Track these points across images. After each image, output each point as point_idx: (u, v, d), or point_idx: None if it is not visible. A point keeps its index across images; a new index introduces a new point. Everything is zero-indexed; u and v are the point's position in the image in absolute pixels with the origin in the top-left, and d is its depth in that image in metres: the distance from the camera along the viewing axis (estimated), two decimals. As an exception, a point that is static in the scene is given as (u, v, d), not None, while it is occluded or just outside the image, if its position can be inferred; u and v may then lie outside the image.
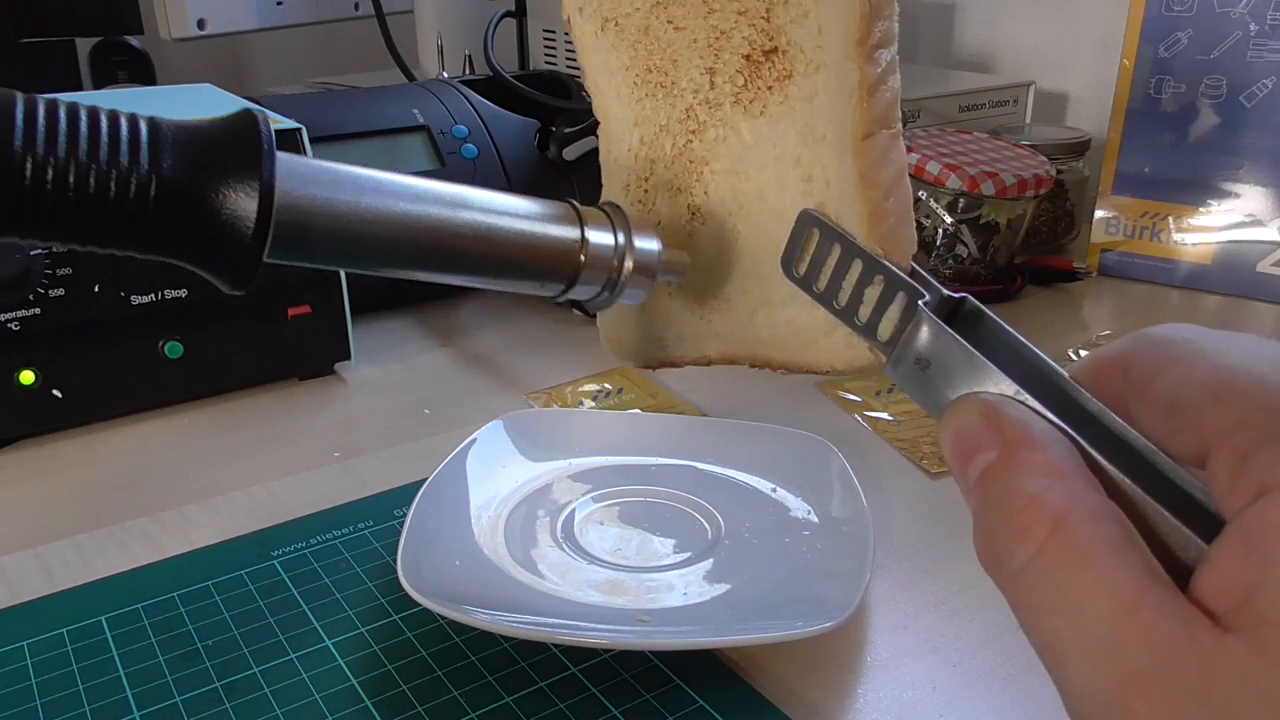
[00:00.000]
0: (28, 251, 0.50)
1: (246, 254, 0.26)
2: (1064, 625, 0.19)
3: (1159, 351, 0.21)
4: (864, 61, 0.29)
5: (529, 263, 0.33)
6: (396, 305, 0.70)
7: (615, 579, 0.40)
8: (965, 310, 0.27)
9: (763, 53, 0.32)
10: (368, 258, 0.30)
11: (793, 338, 0.32)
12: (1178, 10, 0.71)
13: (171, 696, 0.36)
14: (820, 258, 0.29)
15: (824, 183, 0.30)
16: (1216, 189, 0.73)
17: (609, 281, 0.34)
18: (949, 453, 0.23)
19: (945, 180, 0.67)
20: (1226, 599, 0.18)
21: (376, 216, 0.29)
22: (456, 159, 0.70)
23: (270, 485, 0.49)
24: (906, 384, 0.26)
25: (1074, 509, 0.19)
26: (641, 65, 0.35)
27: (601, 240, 0.34)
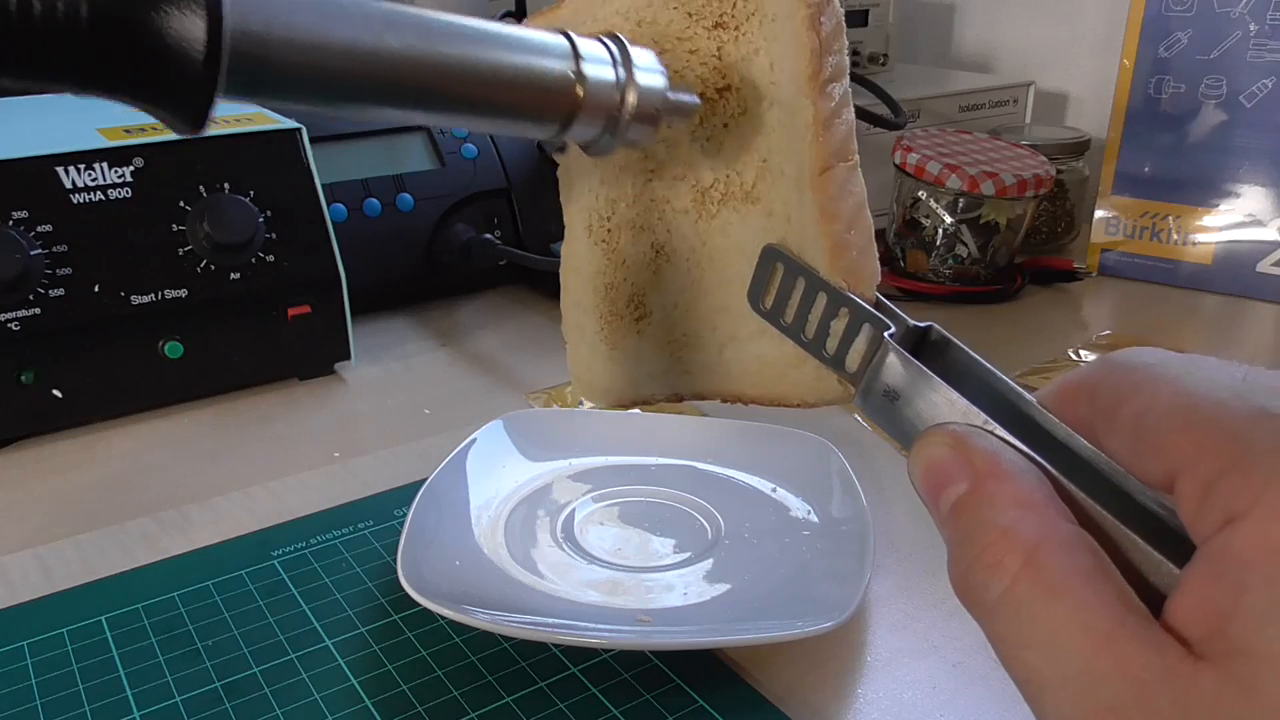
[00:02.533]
0: (28, 252, 0.50)
1: (198, 85, 0.24)
2: (1040, 659, 0.19)
3: (1123, 377, 0.21)
4: (817, 96, 0.29)
5: (518, 100, 0.30)
6: (396, 305, 0.70)
7: (615, 579, 0.40)
8: (931, 339, 0.27)
9: (716, 90, 0.32)
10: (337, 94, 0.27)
11: (762, 372, 0.32)
12: (1178, 10, 0.71)
13: (171, 696, 0.36)
14: (785, 292, 0.29)
15: (784, 217, 0.30)
16: (1216, 189, 0.73)
17: (610, 121, 0.31)
18: (920, 486, 0.23)
19: (945, 180, 0.67)
20: (1199, 627, 0.18)
21: (345, 45, 0.27)
22: (456, 159, 0.70)
23: (270, 485, 0.49)
24: (877, 416, 0.26)
25: (1046, 540, 0.19)
26: None
27: (600, 74, 0.30)
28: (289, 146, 0.57)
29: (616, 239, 0.36)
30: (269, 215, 0.56)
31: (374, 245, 0.66)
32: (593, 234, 0.37)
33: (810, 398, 0.31)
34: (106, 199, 0.52)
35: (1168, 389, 0.20)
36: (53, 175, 0.51)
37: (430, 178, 0.68)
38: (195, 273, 0.54)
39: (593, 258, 0.37)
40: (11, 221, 0.50)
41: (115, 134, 0.54)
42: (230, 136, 0.56)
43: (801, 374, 0.31)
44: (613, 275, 0.36)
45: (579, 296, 0.38)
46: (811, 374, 0.30)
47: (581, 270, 0.37)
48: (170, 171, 0.54)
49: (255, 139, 0.56)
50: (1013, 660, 0.20)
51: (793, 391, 0.31)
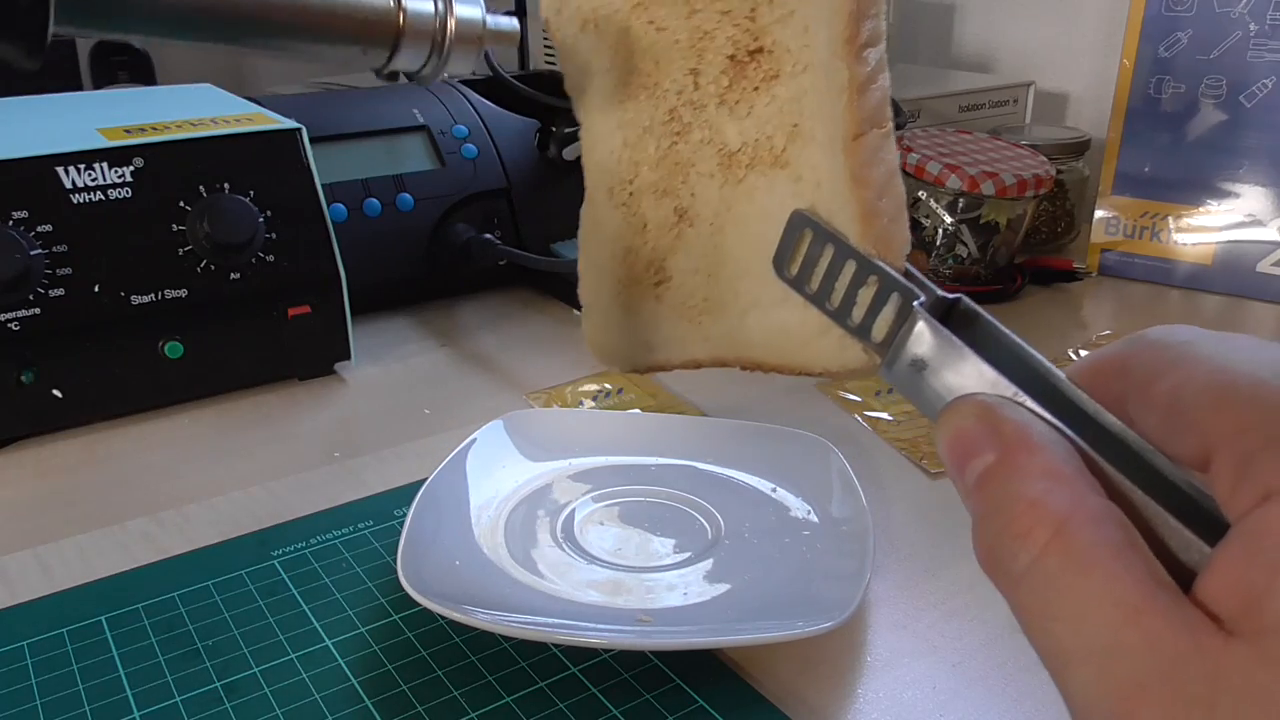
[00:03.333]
0: (28, 252, 0.50)
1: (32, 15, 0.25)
2: (1067, 632, 0.19)
3: (1158, 354, 0.21)
4: (853, 60, 0.28)
5: (345, 28, 0.33)
6: (396, 305, 0.70)
7: (615, 579, 0.40)
8: (960, 310, 0.26)
9: (747, 53, 0.31)
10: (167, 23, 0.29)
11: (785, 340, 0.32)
12: (1178, 10, 0.71)
13: (171, 696, 0.36)
14: (812, 259, 0.29)
15: (814, 183, 0.30)
16: (1216, 189, 0.73)
17: (434, 47, 0.34)
18: (946, 456, 0.23)
19: (945, 180, 0.67)
20: (1231, 604, 0.17)
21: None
22: (456, 159, 0.70)
23: (270, 485, 0.49)
24: (902, 386, 0.26)
25: (1076, 512, 0.19)
26: (622, 67, 0.35)
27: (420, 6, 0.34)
28: (289, 146, 0.57)
29: (638, 203, 0.36)
30: (269, 215, 0.56)
31: (374, 245, 0.66)
32: (614, 197, 0.36)
33: (833, 366, 0.30)
34: (106, 199, 0.52)
35: (1204, 365, 0.20)
36: (53, 175, 0.51)
37: (430, 178, 0.68)
38: (195, 273, 0.54)
39: (613, 221, 0.37)
40: (11, 221, 0.50)
41: (115, 134, 0.54)
42: (230, 136, 0.56)
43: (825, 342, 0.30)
44: (633, 239, 0.36)
45: (598, 260, 0.38)
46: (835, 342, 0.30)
47: (601, 234, 0.37)
48: (170, 171, 0.54)
49: (255, 139, 0.56)
50: (1038, 632, 0.19)
51: (815, 360, 0.31)
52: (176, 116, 0.58)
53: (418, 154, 0.69)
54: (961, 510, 0.22)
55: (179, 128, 0.56)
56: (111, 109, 0.61)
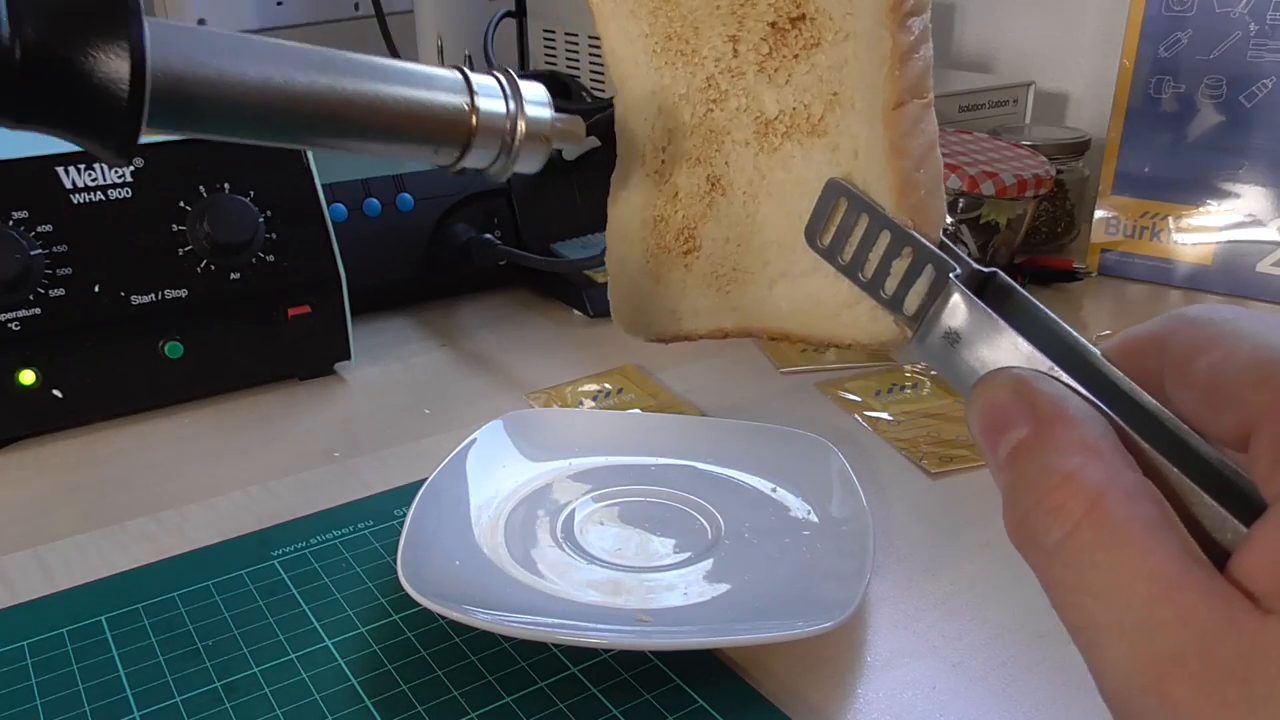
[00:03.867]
0: (28, 252, 0.50)
1: (124, 119, 0.26)
2: (1099, 606, 0.18)
3: (1198, 331, 0.21)
4: (896, 29, 0.28)
5: (418, 130, 0.33)
6: (396, 305, 0.70)
7: (615, 579, 0.40)
8: (996, 285, 0.26)
9: (789, 20, 0.31)
10: (254, 126, 0.30)
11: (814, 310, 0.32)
12: (1178, 10, 0.71)
13: (171, 696, 0.36)
14: (846, 229, 0.28)
15: (851, 152, 0.30)
16: (1216, 189, 0.73)
17: (504, 147, 0.35)
18: (978, 428, 0.22)
19: (945, 180, 0.67)
20: (1268, 582, 0.17)
21: (258, 82, 0.29)
22: (456, 159, 0.70)
23: (270, 485, 0.49)
24: (933, 359, 0.26)
25: (1111, 487, 0.19)
26: (661, 32, 0.35)
27: (492, 107, 0.34)
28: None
29: (670, 170, 0.35)
30: (269, 215, 0.56)
31: (374, 245, 0.66)
32: (646, 165, 0.36)
33: (863, 338, 0.30)
34: (106, 199, 0.52)
35: (1247, 343, 0.19)
36: (53, 175, 0.51)
37: (430, 178, 0.68)
38: (195, 273, 0.54)
39: (644, 189, 0.36)
40: (11, 221, 0.50)
41: (115, 134, 0.54)
42: (230, 136, 0.56)
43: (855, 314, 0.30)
44: (663, 208, 0.36)
45: (625, 228, 0.37)
46: (866, 314, 0.30)
47: (630, 202, 0.37)
48: (170, 171, 0.54)
49: (255, 139, 0.56)
50: (1069, 606, 0.19)
51: (845, 331, 0.31)
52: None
53: (418, 154, 0.69)
54: (962, 510, 0.22)
55: (179, 128, 0.56)
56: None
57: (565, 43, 0.99)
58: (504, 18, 0.94)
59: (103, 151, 0.27)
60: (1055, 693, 0.36)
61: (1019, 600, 0.40)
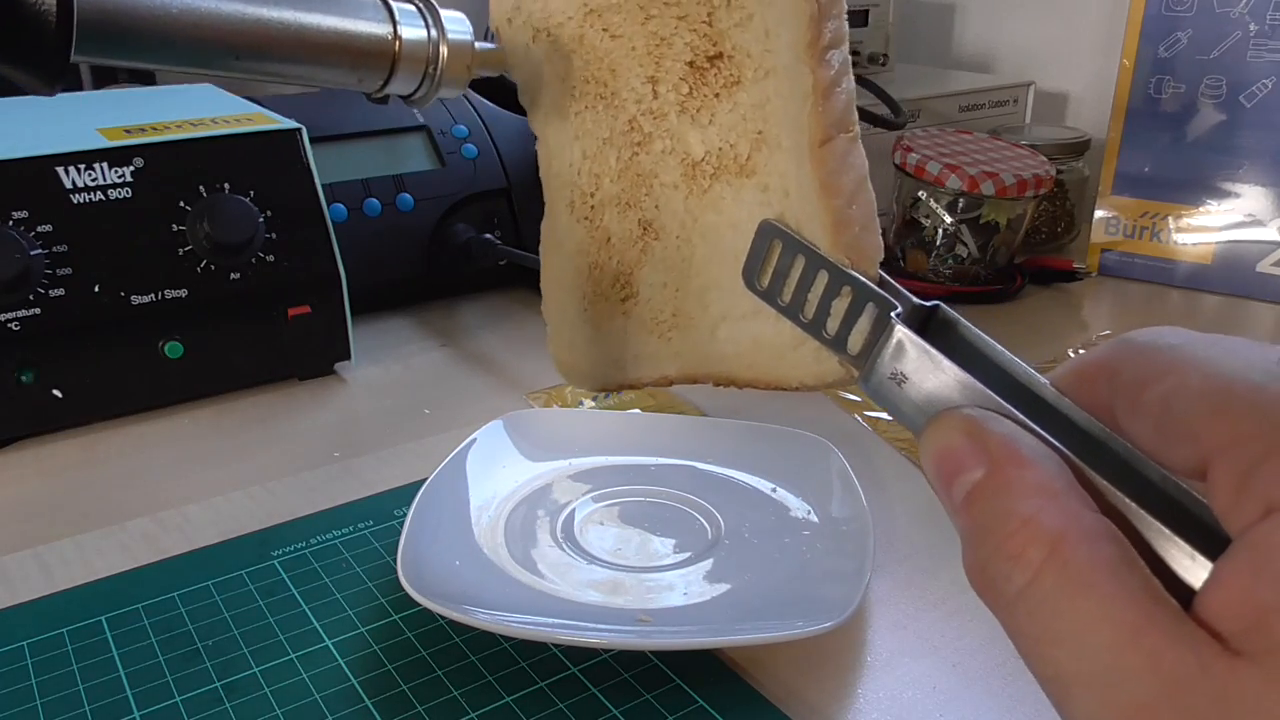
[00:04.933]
0: (28, 252, 0.50)
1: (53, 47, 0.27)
2: (1066, 656, 0.18)
3: (1148, 358, 0.20)
4: (816, 64, 0.28)
5: (342, 56, 0.34)
6: (396, 305, 0.70)
7: (615, 579, 0.40)
8: (938, 319, 0.26)
9: (707, 59, 0.30)
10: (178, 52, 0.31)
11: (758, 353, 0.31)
12: (1178, 10, 0.71)
13: (171, 696, 0.36)
14: (783, 270, 0.28)
15: (782, 191, 0.29)
16: (1216, 189, 0.73)
17: (427, 75, 0.36)
18: (931, 473, 0.22)
19: (945, 180, 0.67)
20: (1236, 621, 0.17)
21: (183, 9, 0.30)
22: (456, 159, 0.70)
23: (270, 485, 0.49)
24: (881, 399, 0.25)
25: (1069, 530, 0.19)
26: (578, 76, 0.34)
27: (415, 34, 0.35)
28: (289, 146, 0.57)
29: (600, 216, 0.35)
30: (269, 215, 0.56)
31: (374, 245, 0.66)
32: (575, 210, 0.35)
33: (809, 380, 0.30)
34: (106, 199, 0.52)
35: (1198, 371, 0.19)
36: (53, 175, 0.51)
37: (430, 178, 0.68)
38: (195, 273, 0.54)
39: (574, 235, 0.36)
40: (11, 221, 0.50)
41: (115, 134, 0.54)
42: (230, 136, 0.56)
43: (800, 355, 0.29)
44: (597, 254, 0.35)
45: (560, 276, 0.37)
46: (810, 356, 0.29)
47: (563, 248, 0.36)
48: (170, 171, 0.54)
49: (255, 139, 0.56)
50: (1035, 656, 0.19)
51: (791, 374, 0.30)
52: (176, 116, 0.58)
53: (418, 154, 0.69)
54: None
55: (179, 128, 0.56)
56: (111, 109, 0.61)
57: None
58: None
59: (31, 80, 0.27)
60: (1055, 693, 0.36)
61: (1019, 600, 0.40)
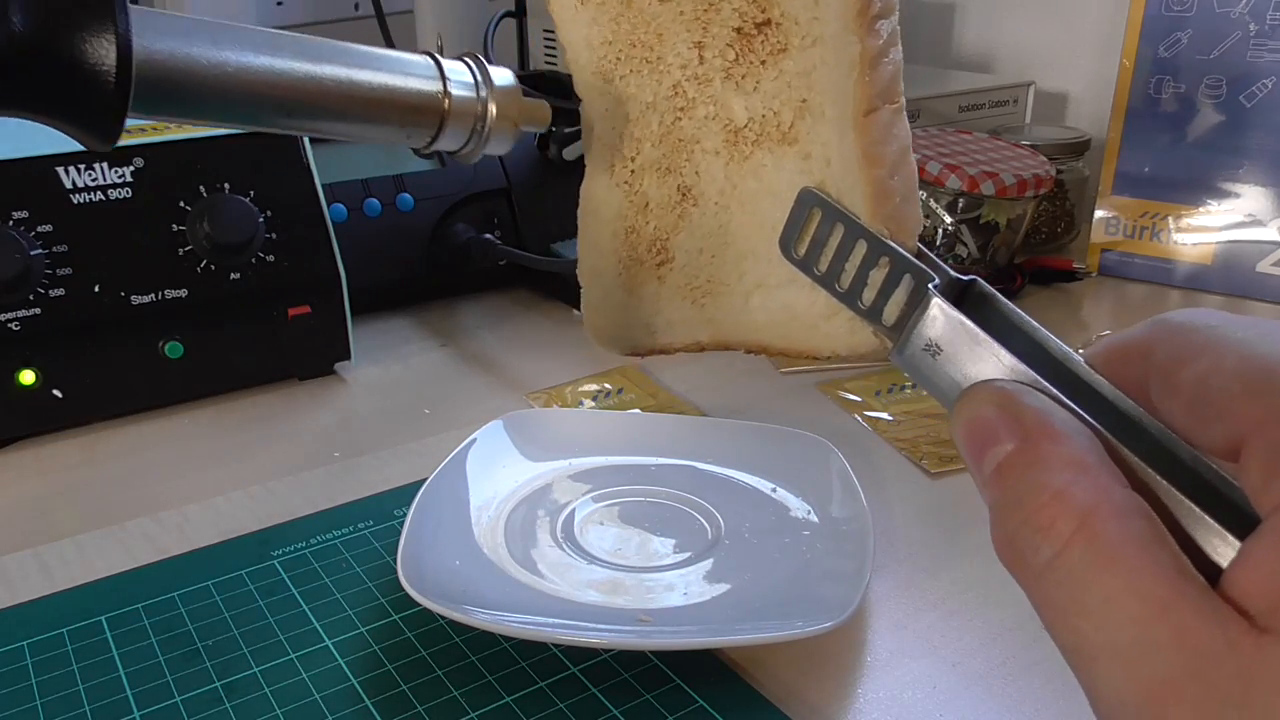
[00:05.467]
0: (28, 252, 0.50)
1: (110, 107, 0.26)
2: (1092, 627, 0.18)
3: (1184, 338, 0.20)
4: (864, 33, 0.28)
5: (393, 116, 0.34)
6: (396, 305, 0.70)
7: (615, 579, 0.40)
8: (975, 293, 0.26)
9: (755, 25, 0.31)
10: (231, 110, 0.31)
11: (791, 322, 0.31)
12: (1178, 10, 0.71)
13: (171, 696, 0.36)
14: (821, 239, 0.28)
15: (824, 160, 0.29)
16: (1216, 189, 0.73)
17: (475, 130, 0.36)
18: (962, 444, 0.22)
19: (945, 180, 0.67)
20: (1263, 599, 0.17)
21: (237, 68, 0.30)
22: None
23: (270, 485, 0.49)
24: (914, 371, 0.25)
25: (1101, 504, 0.19)
26: (625, 40, 0.34)
27: (464, 91, 0.35)
28: (289, 146, 0.57)
29: (640, 181, 0.35)
30: (269, 215, 0.56)
31: (374, 245, 0.66)
32: (615, 175, 0.36)
33: (842, 350, 0.30)
34: (106, 199, 0.52)
35: (1234, 351, 0.19)
36: (53, 175, 0.51)
37: (430, 178, 0.68)
38: (195, 273, 0.54)
39: (613, 200, 0.36)
40: (11, 221, 0.50)
41: (115, 134, 0.54)
42: (230, 136, 0.56)
43: (833, 325, 0.30)
44: (634, 219, 0.35)
45: (596, 240, 0.37)
46: (844, 326, 0.29)
47: (600, 213, 0.36)
48: (170, 171, 0.54)
49: (255, 139, 0.56)
50: (1062, 627, 0.19)
51: (824, 343, 0.30)
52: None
53: (418, 154, 0.69)
54: (962, 510, 0.22)
55: (179, 128, 0.56)
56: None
57: (565, 43, 0.99)
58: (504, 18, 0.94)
59: (87, 138, 0.28)
60: (1055, 693, 0.36)
61: (1019, 600, 0.40)
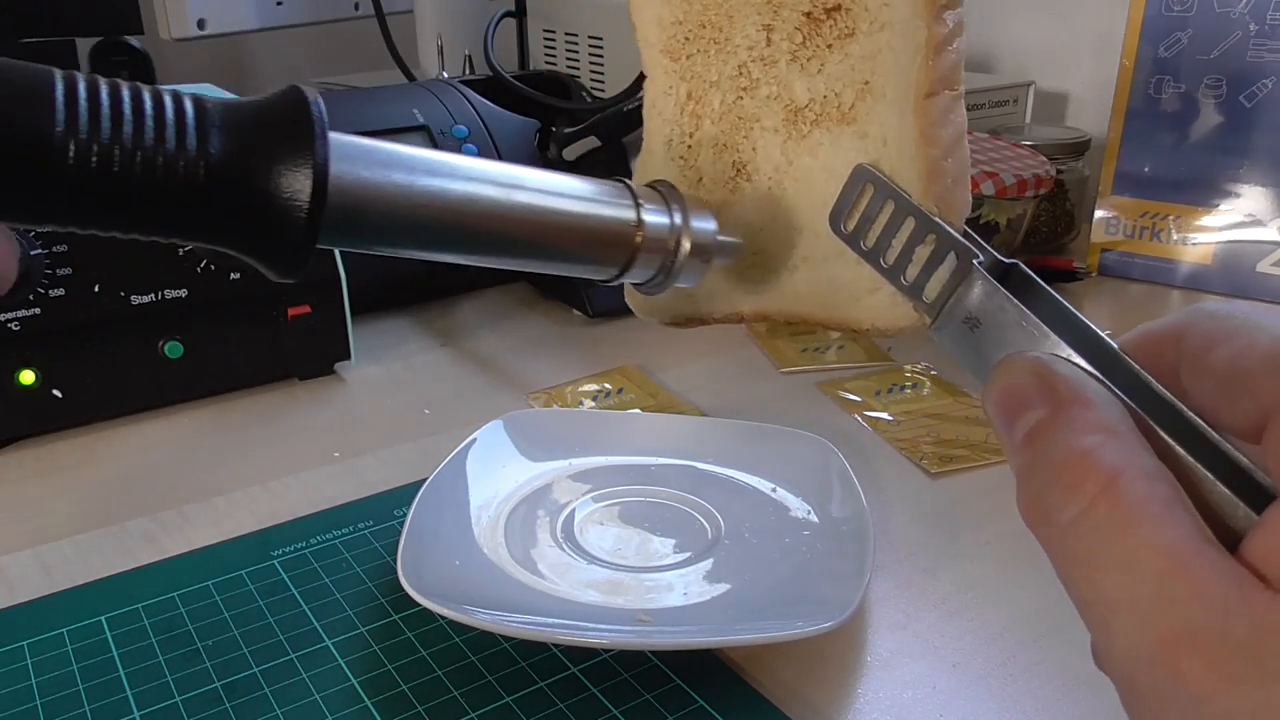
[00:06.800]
0: (28, 252, 0.50)
1: (299, 240, 0.25)
2: (1112, 581, 0.19)
3: (1217, 324, 0.21)
4: (932, 20, 0.29)
5: (584, 246, 0.32)
6: (396, 305, 0.70)
7: (615, 579, 0.40)
8: (1016, 275, 0.27)
9: (825, 10, 0.32)
10: (421, 241, 0.29)
11: (834, 295, 0.32)
12: (1178, 10, 0.71)
13: (171, 696, 0.36)
14: (871, 214, 0.29)
15: (880, 140, 0.30)
16: (1216, 189, 0.73)
17: (664, 265, 0.33)
18: (995, 409, 0.22)
19: (945, 180, 0.67)
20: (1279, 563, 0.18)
21: (430, 199, 0.28)
22: (457, 159, 0.70)
23: (270, 485, 0.49)
24: (952, 344, 0.26)
25: (1127, 467, 0.19)
26: (695, 20, 0.35)
27: (657, 221, 0.33)
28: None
29: (696, 155, 0.36)
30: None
31: (374, 245, 0.66)
32: (671, 149, 0.37)
33: (882, 323, 0.31)
34: (106, 199, 0.52)
35: (1265, 334, 0.20)
36: (53, 175, 0.51)
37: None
38: (195, 273, 0.54)
39: (668, 173, 0.37)
40: (11, 221, 0.50)
41: (115, 134, 0.54)
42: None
43: (876, 299, 0.31)
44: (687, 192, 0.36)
45: None
46: (886, 300, 0.30)
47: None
48: (170, 171, 0.54)
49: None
50: (1081, 581, 0.19)
51: (864, 316, 0.31)
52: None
53: (418, 154, 0.69)
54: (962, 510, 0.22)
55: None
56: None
57: (565, 43, 0.99)
58: (504, 18, 0.94)
59: (269, 269, 0.26)
60: (1055, 693, 0.36)
61: (1019, 600, 0.40)
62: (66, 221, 0.24)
